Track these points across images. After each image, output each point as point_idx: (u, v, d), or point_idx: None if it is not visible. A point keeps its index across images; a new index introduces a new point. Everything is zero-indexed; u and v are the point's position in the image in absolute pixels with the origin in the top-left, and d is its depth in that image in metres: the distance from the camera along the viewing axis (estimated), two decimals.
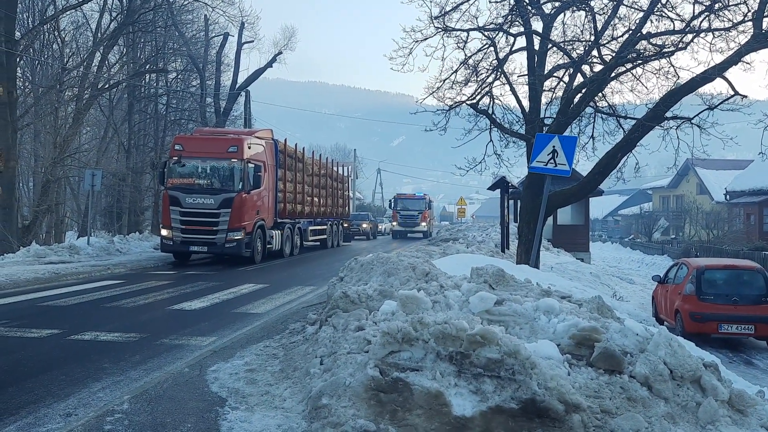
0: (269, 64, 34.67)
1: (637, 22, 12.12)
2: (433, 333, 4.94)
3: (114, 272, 15.57)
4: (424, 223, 43.06)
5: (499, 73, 13.61)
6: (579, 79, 13.21)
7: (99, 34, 27.40)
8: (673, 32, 12.09)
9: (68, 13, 26.88)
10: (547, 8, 13.42)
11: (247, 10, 32.79)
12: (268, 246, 19.66)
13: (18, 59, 23.05)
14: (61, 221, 31.86)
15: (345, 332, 6.08)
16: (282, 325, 8.76)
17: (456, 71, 13.57)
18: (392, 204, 44.48)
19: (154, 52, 30.78)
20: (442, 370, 4.79)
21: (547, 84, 14.09)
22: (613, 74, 12.57)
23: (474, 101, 13.65)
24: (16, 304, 10.27)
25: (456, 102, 13.70)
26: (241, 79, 33.97)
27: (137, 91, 31.41)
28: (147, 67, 30.72)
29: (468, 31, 13.31)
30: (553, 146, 9.99)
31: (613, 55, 12.31)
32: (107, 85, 27.70)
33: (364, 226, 40.73)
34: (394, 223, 43.86)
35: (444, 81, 13.54)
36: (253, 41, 34.69)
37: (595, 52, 12.74)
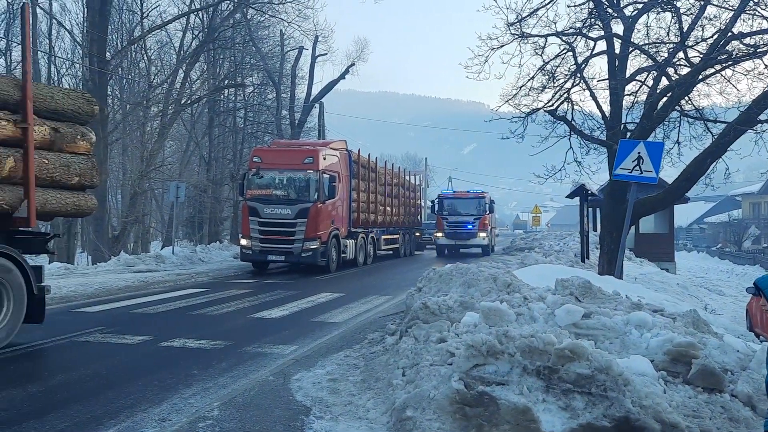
0: (342, 76, 35.23)
1: (727, 21, 11.55)
2: (519, 346, 4.83)
3: (197, 281, 16.12)
4: (483, 234, 29.99)
5: (578, 78, 13.28)
6: (664, 82, 12.71)
7: (182, 52, 28.60)
8: (766, 31, 11.46)
9: (154, 32, 28.21)
10: (628, 11, 13.00)
11: (321, 24, 33.56)
12: (343, 255, 19.90)
13: (108, 78, 24.34)
14: (147, 231, 33.37)
15: (426, 344, 6.04)
16: (360, 335, 8.80)
17: (533, 77, 13.35)
18: (435, 206, 31.85)
19: (232, 68, 31.86)
20: (529, 385, 4.67)
21: (629, 88, 13.61)
22: (700, 77, 12.02)
23: (552, 107, 13.36)
24: (111, 311, 10.79)
25: (533, 109, 13.45)
26: (315, 92, 34.68)
27: (217, 105, 32.56)
28: (226, 82, 31.80)
29: (546, 36, 13.07)
30: (639, 153, 9.63)
31: (701, 56, 11.77)
32: (189, 101, 28.87)
33: (438, 235, 40.50)
34: (439, 234, 30.88)
35: (520, 88, 13.33)
36: (326, 54, 35.36)
37: (681, 54, 12.22)
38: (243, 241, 18.73)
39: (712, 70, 12.20)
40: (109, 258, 20.15)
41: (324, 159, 18.79)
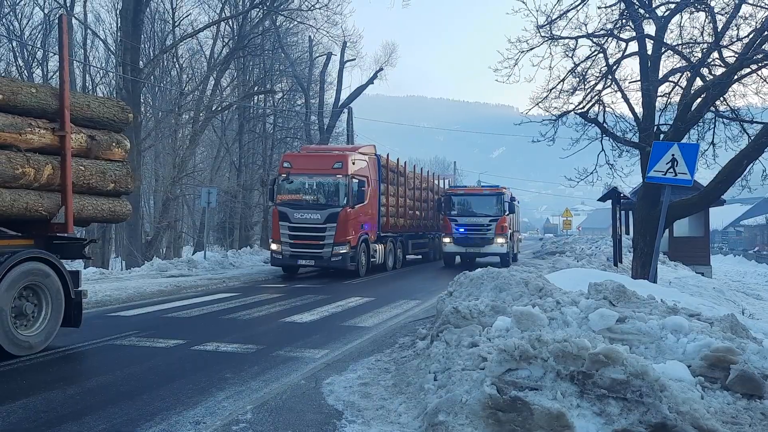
0: (370, 81, 35.38)
1: (763, 20, 11.31)
2: (553, 351, 4.78)
3: (229, 285, 16.29)
4: (501, 240, 24.03)
5: (609, 80, 13.12)
6: (698, 83, 12.49)
7: (212, 60, 29.03)
8: None
9: (185, 41, 28.70)
10: (661, 11, 12.82)
11: (350, 30, 33.68)
12: (372, 260, 19.93)
13: (141, 86, 24.81)
14: (179, 236, 33.83)
15: (458, 348, 6.01)
16: (391, 339, 8.80)
17: (563, 80, 13.23)
18: (442, 204, 25.66)
19: (262, 75, 32.23)
20: (563, 390, 4.61)
21: (662, 89, 13.41)
22: (736, 77, 11.78)
23: (583, 110, 13.22)
24: (145, 315, 10.97)
25: (564, 111, 13.33)
26: (343, 97, 34.85)
27: (247, 111, 32.95)
28: (255, 88, 32.18)
29: (576, 38, 12.95)
30: (673, 154, 9.46)
31: (736, 56, 11.54)
32: (220, 107, 29.28)
33: None
34: (447, 240, 24.77)
35: (551, 90, 13.23)
36: (354, 59, 35.55)
37: (715, 54, 12.00)
38: (273, 246, 18.90)
39: (748, 70, 11.96)
40: (142, 263, 20.51)
41: (353, 164, 18.88)
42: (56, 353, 7.78)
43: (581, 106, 13.37)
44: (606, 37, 13.08)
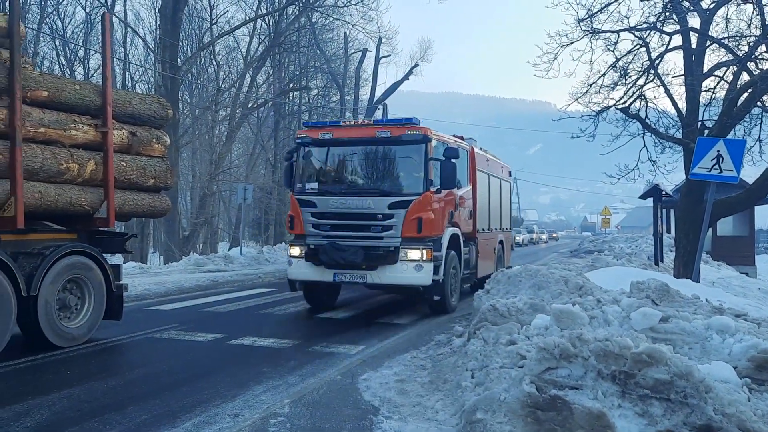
0: (406, 77, 35.32)
1: None
2: (594, 350, 4.69)
3: (264, 281, 16.45)
4: (414, 252, 10.22)
5: (651, 75, 12.80)
6: (744, 77, 12.10)
7: (249, 57, 29.32)
8: None
9: (222, 38, 29.03)
10: (706, 3, 12.45)
11: (385, 26, 33.70)
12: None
13: (180, 83, 25.21)
14: (215, 232, 34.33)
15: (496, 346, 5.94)
16: (427, 337, 8.76)
17: (604, 74, 12.95)
18: (289, 169, 11.33)
19: (297, 71, 32.47)
20: (604, 390, 4.52)
21: (707, 83, 13.03)
22: None
23: (624, 105, 12.94)
24: (183, 309, 11.14)
25: (604, 106, 13.07)
26: (378, 93, 34.90)
27: (282, 108, 33.21)
28: (291, 85, 32.43)
29: (618, 32, 12.67)
30: (718, 151, 9.20)
31: None
32: (256, 104, 29.57)
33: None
34: (294, 251, 10.85)
35: (591, 85, 12.97)
36: (390, 55, 35.54)
37: (762, 48, 11.61)
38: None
39: None
40: (180, 258, 20.88)
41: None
42: (98, 345, 7.96)
43: (622, 101, 13.08)
44: (649, 31, 12.76)
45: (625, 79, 12.97)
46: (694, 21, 12.60)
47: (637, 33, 12.79)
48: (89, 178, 7.97)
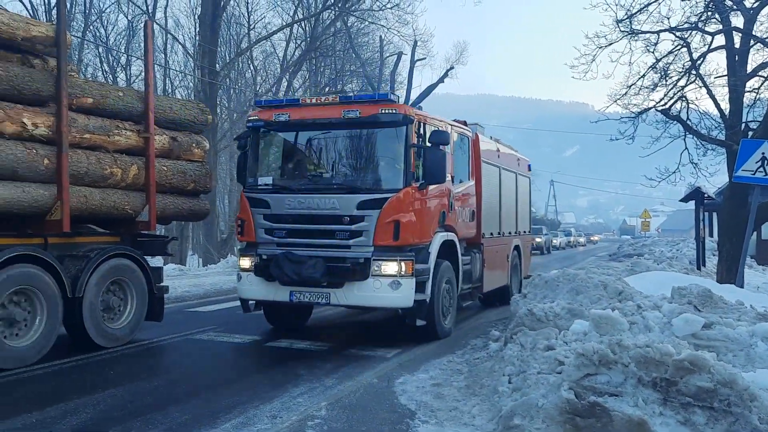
0: (441, 80, 35.20)
1: None
2: (634, 356, 4.62)
3: None
4: (392, 266, 7.94)
5: (693, 76, 12.55)
6: None
7: (285, 62, 29.66)
8: None
9: (260, 43, 29.42)
10: (749, 2, 12.15)
11: (421, 29, 33.82)
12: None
13: (218, 88, 25.63)
14: None
15: (533, 351, 5.90)
16: (463, 341, 8.72)
17: (644, 76, 12.75)
18: (241, 160, 9.18)
19: (333, 75, 32.67)
20: (644, 397, 4.46)
21: (750, 84, 12.72)
22: None
23: (665, 106, 12.71)
24: (222, 311, 11.32)
25: (644, 108, 12.86)
26: (413, 96, 34.81)
27: None
28: (327, 89, 32.63)
29: (658, 32, 12.46)
30: (763, 153, 8.96)
31: None
32: None
33: (538, 240, 39.60)
34: (244, 263, 8.80)
35: (630, 87, 12.78)
36: (425, 58, 35.48)
37: None
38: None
39: None
40: (218, 260, 21.21)
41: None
42: (140, 346, 8.14)
43: (662, 102, 12.86)
44: (690, 31, 12.52)
45: (666, 80, 12.75)
46: (737, 20, 12.32)
47: (678, 33, 12.57)
48: (132, 182, 8.17)
